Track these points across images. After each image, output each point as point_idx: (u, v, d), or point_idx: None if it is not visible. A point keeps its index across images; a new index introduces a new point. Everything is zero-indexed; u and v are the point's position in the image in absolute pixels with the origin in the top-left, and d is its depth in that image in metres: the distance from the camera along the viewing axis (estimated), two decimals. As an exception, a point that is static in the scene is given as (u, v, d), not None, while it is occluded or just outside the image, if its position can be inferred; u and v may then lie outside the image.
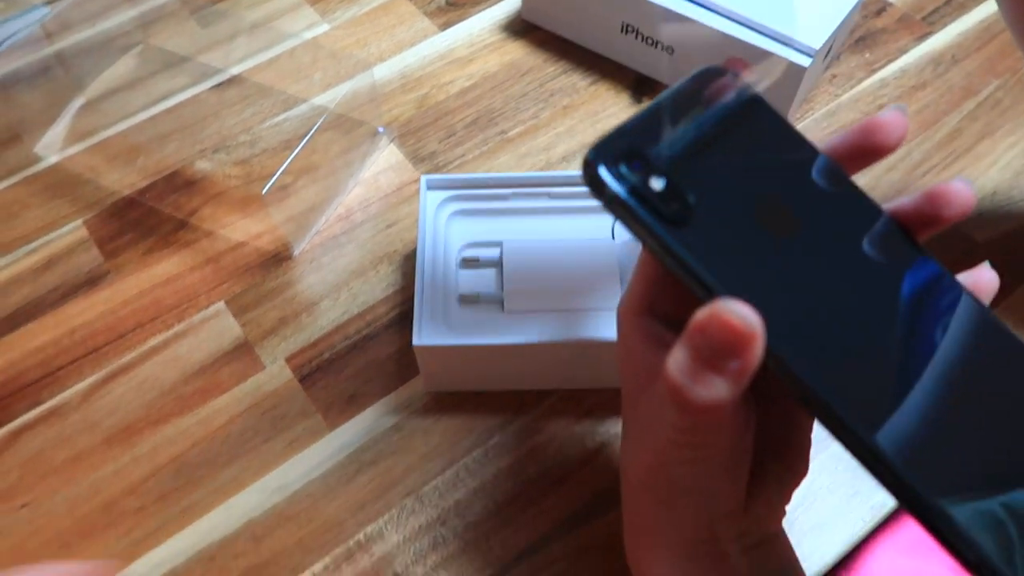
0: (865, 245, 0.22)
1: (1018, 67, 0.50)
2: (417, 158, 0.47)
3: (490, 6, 0.54)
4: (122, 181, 0.46)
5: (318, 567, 0.34)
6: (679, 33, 0.46)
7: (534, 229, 0.39)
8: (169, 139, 0.48)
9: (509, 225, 0.39)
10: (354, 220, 0.45)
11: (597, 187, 0.20)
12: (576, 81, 0.50)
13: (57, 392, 0.39)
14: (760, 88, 0.44)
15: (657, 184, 0.21)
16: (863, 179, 0.45)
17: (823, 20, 0.44)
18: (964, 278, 0.23)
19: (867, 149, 0.23)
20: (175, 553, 0.35)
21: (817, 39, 0.43)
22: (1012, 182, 0.45)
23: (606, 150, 0.21)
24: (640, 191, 0.20)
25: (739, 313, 0.18)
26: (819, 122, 0.48)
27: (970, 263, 0.43)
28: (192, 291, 0.42)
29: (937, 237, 0.46)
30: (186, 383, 0.39)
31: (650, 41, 0.47)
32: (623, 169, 0.20)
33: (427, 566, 0.34)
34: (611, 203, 0.20)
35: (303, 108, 0.49)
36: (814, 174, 0.22)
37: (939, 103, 0.48)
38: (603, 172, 0.20)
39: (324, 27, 0.53)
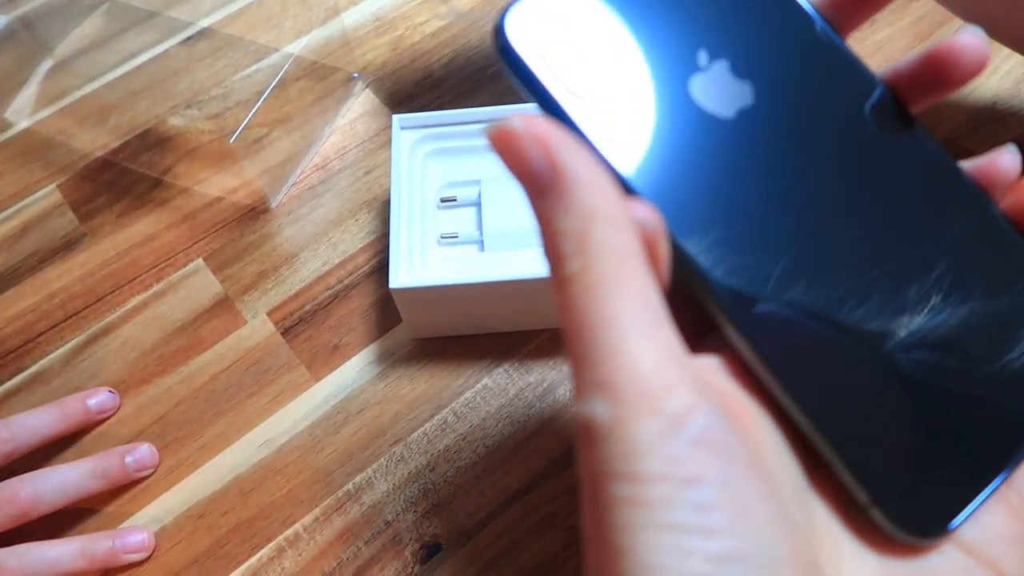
0: (838, 121, 0.19)
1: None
2: (394, 102, 0.45)
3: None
4: (94, 142, 0.45)
5: (308, 519, 0.34)
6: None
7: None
8: (140, 97, 0.47)
9: (487, 163, 0.38)
10: (331, 169, 0.43)
11: (504, 54, 0.18)
12: (555, 13, 0.48)
13: (39, 358, 0.39)
14: None
15: (571, 54, 0.18)
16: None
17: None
18: (976, 163, 0.20)
19: (935, 78, 0.19)
20: (164, 511, 0.34)
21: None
22: (1012, 91, 0.43)
23: (524, 10, 0.18)
24: (547, 57, 0.18)
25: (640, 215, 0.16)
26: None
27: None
28: (169, 249, 0.41)
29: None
30: (167, 342, 0.39)
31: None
32: (533, 30, 0.18)
33: (418, 513, 0.34)
34: (513, 70, 0.18)
35: (275, 57, 0.48)
36: (786, 37, 0.19)
37: (934, 14, 0.46)
38: (510, 31, 0.18)
39: (293, -27, 0.52)
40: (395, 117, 0.38)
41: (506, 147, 0.15)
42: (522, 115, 0.15)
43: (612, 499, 0.13)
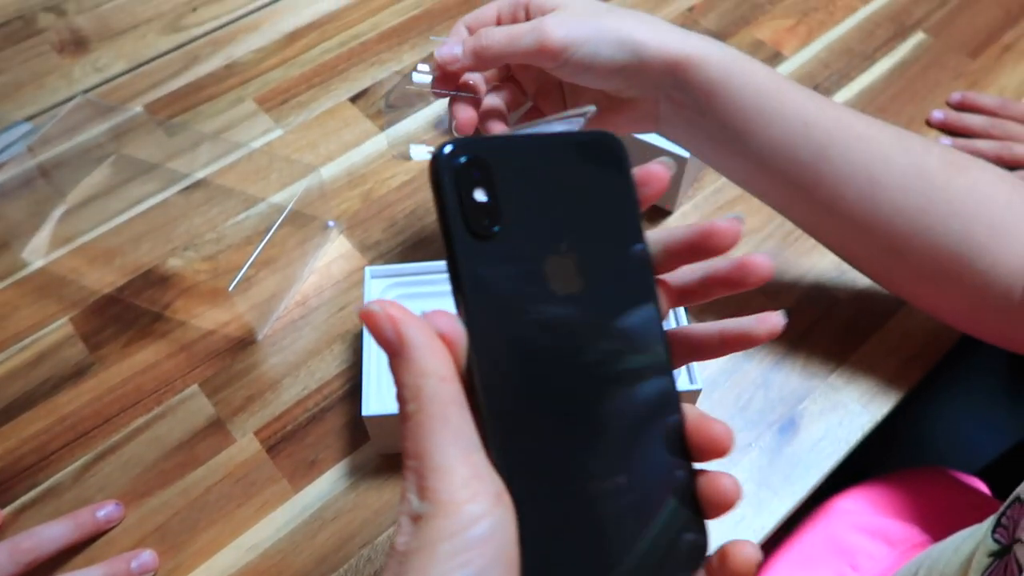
0: (611, 336, 0.23)
1: (875, 142, 0.58)
2: (364, 247, 0.54)
3: (422, 108, 0.61)
4: (102, 280, 0.52)
5: (288, 613, 0.40)
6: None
7: (464, 308, 0.46)
8: (143, 240, 0.55)
9: (446, 306, 0.46)
10: (310, 305, 0.51)
11: (434, 175, 0.22)
12: (500, 171, 0.57)
13: (52, 474, 0.45)
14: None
15: (480, 196, 0.22)
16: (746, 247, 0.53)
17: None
18: (749, 321, 0.26)
19: (702, 248, 0.26)
20: (163, 609, 0.40)
21: (696, 133, 0.51)
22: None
23: (462, 147, 0.22)
24: (462, 193, 0.22)
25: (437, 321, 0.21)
26: (708, 198, 0.56)
27: (833, 317, 0.50)
28: (169, 376, 0.48)
29: (804, 295, 0.55)
30: (167, 459, 0.45)
31: (561, 136, 0.55)
32: (460, 167, 0.22)
33: (382, 605, 0.40)
34: (435, 190, 0.22)
35: (262, 206, 0.56)
36: (618, 248, 0.24)
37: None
38: (443, 162, 0.22)
39: (278, 132, 0.60)
40: (367, 269, 0.46)
41: (370, 323, 0.21)
42: (380, 301, 0.22)
43: (412, 565, 0.19)
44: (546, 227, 0.23)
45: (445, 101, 0.43)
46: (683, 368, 0.42)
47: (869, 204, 0.40)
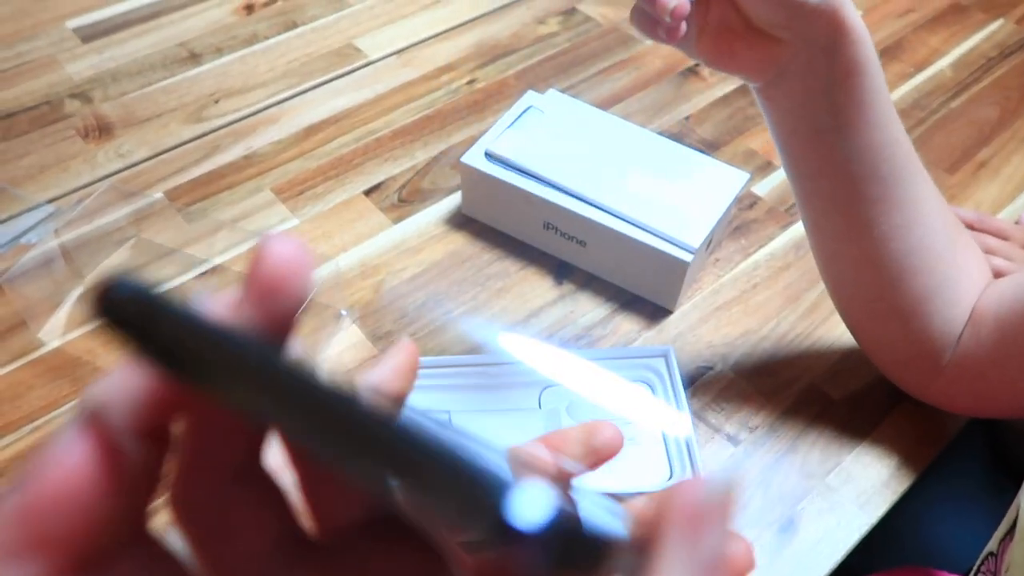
0: None
1: (862, 250, 0.62)
2: (375, 337, 0.56)
3: (435, 203, 0.64)
4: (117, 362, 0.53)
5: None
6: (588, 231, 0.57)
7: (475, 400, 0.48)
8: (159, 323, 0.56)
9: (454, 397, 0.48)
10: (322, 393, 0.52)
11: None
12: (508, 267, 0.60)
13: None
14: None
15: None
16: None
17: (702, 221, 0.55)
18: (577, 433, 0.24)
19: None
20: None
21: (696, 238, 0.54)
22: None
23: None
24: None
25: None
26: (706, 298, 0.58)
27: (828, 418, 0.52)
28: (180, 461, 0.49)
29: (799, 395, 0.58)
30: (175, 545, 0.45)
31: (567, 236, 0.58)
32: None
33: None
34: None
35: (277, 294, 0.58)
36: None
37: (800, 281, 0.60)
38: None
39: (294, 221, 0.63)
40: (382, 361, 0.47)
41: None
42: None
43: None
44: None
45: None
46: (688, 468, 0.43)
47: (902, 234, 0.44)
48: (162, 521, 0.16)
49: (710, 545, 0.15)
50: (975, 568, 0.38)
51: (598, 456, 0.24)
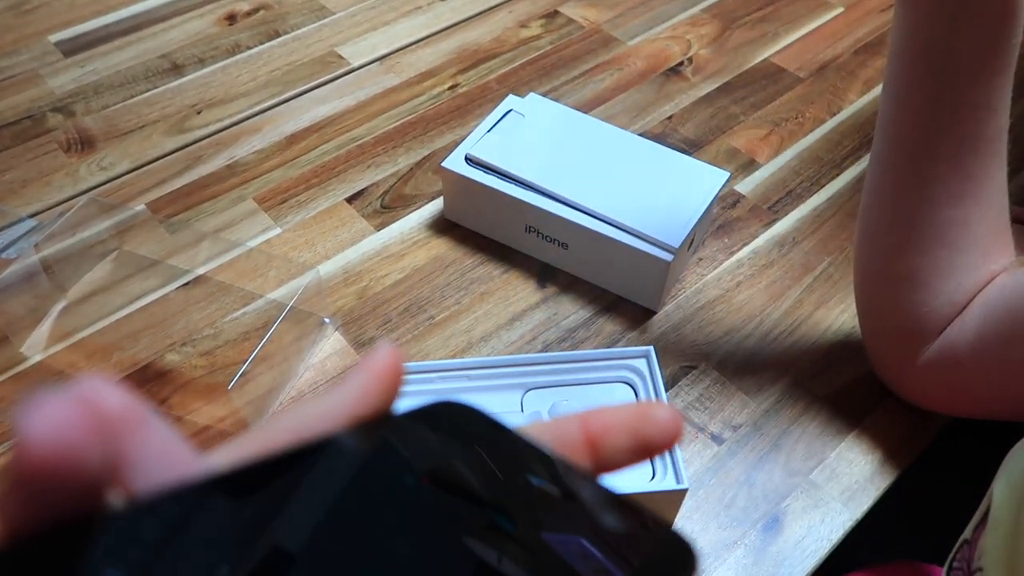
0: None
1: (845, 246, 0.62)
2: (358, 344, 0.55)
3: (417, 208, 0.64)
4: (100, 376, 0.53)
5: None
6: (570, 234, 0.57)
7: (456, 406, 0.47)
8: (141, 335, 0.56)
9: (436, 403, 0.47)
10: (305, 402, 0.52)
11: None
12: (491, 271, 0.60)
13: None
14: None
15: None
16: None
17: (682, 221, 0.55)
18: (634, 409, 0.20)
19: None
20: None
21: (677, 238, 0.54)
22: (843, 342, 0.55)
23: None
24: None
25: None
26: (690, 298, 0.58)
27: (812, 415, 0.52)
28: (163, 473, 0.49)
29: (783, 392, 0.58)
30: (158, 557, 0.45)
31: (549, 238, 0.58)
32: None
33: None
34: None
35: (260, 303, 0.58)
36: None
37: (784, 279, 0.59)
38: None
39: (277, 230, 0.63)
40: (363, 368, 0.47)
41: None
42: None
43: None
44: None
45: None
46: (670, 468, 0.43)
47: (951, 203, 0.43)
48: None
49: None
50: (951, 556, 0.38)
51: (649, 449, 0.19)
